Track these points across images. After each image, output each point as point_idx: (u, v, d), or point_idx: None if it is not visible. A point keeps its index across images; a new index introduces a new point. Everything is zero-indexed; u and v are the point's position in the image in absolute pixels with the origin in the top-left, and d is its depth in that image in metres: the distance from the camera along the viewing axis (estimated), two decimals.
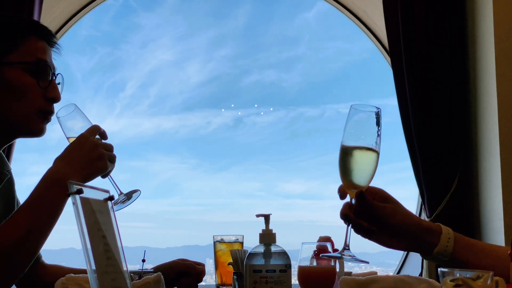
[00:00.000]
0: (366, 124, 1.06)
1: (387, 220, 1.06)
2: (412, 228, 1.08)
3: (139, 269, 1.20)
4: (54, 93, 1.35)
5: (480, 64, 2.49)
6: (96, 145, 1.27)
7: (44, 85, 1.32)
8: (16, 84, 1.29)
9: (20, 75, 1.30)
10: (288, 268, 1.17)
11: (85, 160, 1.24)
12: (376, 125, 1.06)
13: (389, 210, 1.07)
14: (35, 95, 1.31)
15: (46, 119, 1.35)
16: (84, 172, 1.23)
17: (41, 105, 1.32)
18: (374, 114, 1.06)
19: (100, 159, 1.26)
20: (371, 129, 1.06)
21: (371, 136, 1.06)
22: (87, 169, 1.24)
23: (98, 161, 1.26)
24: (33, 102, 1.31)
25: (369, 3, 2.95)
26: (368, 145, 1.06)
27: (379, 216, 1.06)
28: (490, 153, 2.39)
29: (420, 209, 2.77)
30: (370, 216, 1.07)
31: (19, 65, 1.30)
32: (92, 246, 0.71)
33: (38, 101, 1.32)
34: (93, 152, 1.25)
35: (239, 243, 1.57)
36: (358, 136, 1.06)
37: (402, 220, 1.07)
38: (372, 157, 1.06)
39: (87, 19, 3.10)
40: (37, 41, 1.34)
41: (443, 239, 1.08)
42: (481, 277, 0.75)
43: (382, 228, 1.08)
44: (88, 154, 1.25)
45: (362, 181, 1.07)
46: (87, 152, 1.25)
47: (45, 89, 1.33)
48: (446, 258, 1.07)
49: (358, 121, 1.06)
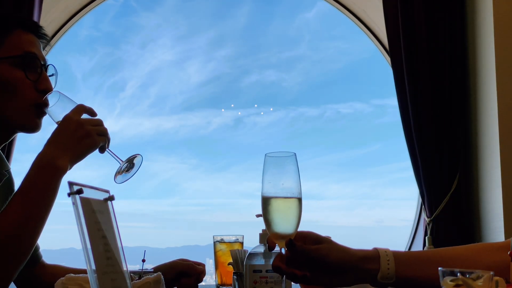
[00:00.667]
0: (283, 171, 1.04)
1: (325, 260, 1.04)
2: (351, 262, 1.05)
3: (139, 269, 1.20)
4: (45, 85, 1.34)
5: (480, 64, 2.49)
6: (81, 124, 1.26)
7: (34, 78, 1.32)
8: (5, 80, 1.29)
9: (8, 70, 1.29)
10: None
11: (72, 140, 1.24)
12: (294, 170, 1.04)
13: (324, 251, 1.04)
14: (25, 88, 1.31)
15: (41, 113, 1.34)
16: (73, 152, 1.24)
17: (34, 98, 1.32)
18: (290, 158, 1.04)
19: (87, 136, 1.26)
20: (289, 175, 1.04)
21: (290, 182, 1.03)
22: (76, 149, 1.25)
23: (86, 138, 1.26)
24: (25, 96, 1.31)
25: (369, 3, 2.95)
26: (288, 193, 1.03)
27: (315, 258, 1.04)
28: (490, 153, 2.39)
29: (420, 209, 2.77)
30: (306, 260, 1.04)
31: (6, 60, 1.29)
32: (92, 246, 0.71)
33: (30, 94, 1.31)
34: (78, 131, 1.25)
35: (239, 243, 1.57)
36: (276, 185, 1.03)
37: (339, 257, 1.05)
38: (294, 204, 1.04)
39: (88, 19, 3.10)
40: (23, 34, 1.34)
41: (382, 262, 1.05)
42: (481, 277, 0.75)
43: (321, 270, 1.05)
44: (74, 134, 1.25)
45: (288, 229, 1.04)
46: (73, 132, 1.25)
47: (36, 82, 1.32)
48: (392, 280, 1.05)
49: (274, 169, 1.03)
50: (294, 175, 1.04)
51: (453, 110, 2.56)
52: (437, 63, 2.55)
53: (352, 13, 3.11)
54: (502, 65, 2.34)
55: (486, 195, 2.44)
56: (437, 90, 2.54)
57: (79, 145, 1.25)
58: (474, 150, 2.54)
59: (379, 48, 3.08)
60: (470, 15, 2.58)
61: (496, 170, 2.33)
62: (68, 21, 3.00)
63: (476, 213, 2.52)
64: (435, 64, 2.55)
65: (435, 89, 2.54)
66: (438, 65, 2.55)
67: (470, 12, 2.58)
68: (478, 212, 2.50)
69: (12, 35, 1.32)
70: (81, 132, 1.25)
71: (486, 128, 2.43)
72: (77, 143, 1.25)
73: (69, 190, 0.73)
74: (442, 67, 2.55)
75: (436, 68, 2.55)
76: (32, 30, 1.36)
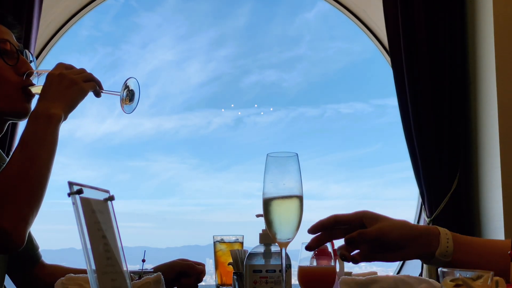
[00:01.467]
0: (285, 171, 1.04)
1: (386, 239, 1.06)
2: (411, 236, 1.07)
3: (139, 269, 1.20)
4: (25, 67, 1.38)
5: (480, 64, 2.49)
6: (63, 75, 1.31)
7: (13, 62, 1.36)
8: None
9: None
10: (288, 268, 1.17)
11: (59, 91, 1.29)
12: (296, 170, 1.04)
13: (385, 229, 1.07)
14: (7, 73, 1.34)
15: (28, 95, 1.37)
16: (64, 101, 1.29)
17: (18, 81, 1.36)
18: (292, 159, 1.04)
19: (73, 84, 1.30)
20: (291, 175, 1.04)
21: (292, 182, 1.04)
22: (66, 97, 1.29)
23: (72, 86, 1.30)
24: (9, 81, 1.34)
25: (369, 3, 2.95)
26: (290, 193, 1.04)
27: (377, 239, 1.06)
28: (490, 153, 2.39)
29: (420, 209, 2.77)
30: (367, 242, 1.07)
31: None
32: (92, 246, 0.71)
33: (12, 78, 1.35)
34: (63, 82, 1.30)
35: (239, 243, 1.57)
36: (278, 185, 1.04)
37: (400, 233, 1.07)
38: (295, 204, 1.05)
39: (88, 19, 3.10)
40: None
41: (442, 239, 1.08)
42: (481, 277, 0.75)
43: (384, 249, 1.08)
44: (60, 85, 1.30)
45: (289, 229, 1.05)
46: (58, 84, 1.30)
47: (15, 66, 1.36)
48: (449, 258, 1.07)
49: (276, 169, 1.04)
50: (296, 175, 1.04)
51: (453, 110, 2.56)
52: (437, 63, 2.55)
53: (352, 13, 3.11)
54: (502, 65, 2.34)
55: (486, 195, 2.44)
56: (437, 90, 2.54)
57: (68, 93, 1.30)
58: (474, 150, 2.54)
59: (379, 48, 3.08)
60: (470, 15, 2.58)
61: (496, 170, 2.33)
62: (68, 21, 3.00)
63: (476, 213, 2.52)
64: (435, 64, 2.55)
65: (435, 89, 2.54)
66: (438, 65, 2.55)
67: (470, 12, 2.58)
68: (478, 212, 2.50)
69: None
70: (66, 82, 1.30)
71: (486, 128, 2.43)
72: (66, 92, 1.30)
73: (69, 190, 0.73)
74: (442, 67, 2.55)
75: (436, 68, 2.55)
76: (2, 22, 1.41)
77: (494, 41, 2.35)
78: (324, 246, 1.25)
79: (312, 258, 1.25)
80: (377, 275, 1.16)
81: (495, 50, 2.35)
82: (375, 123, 9.33)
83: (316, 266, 1.24)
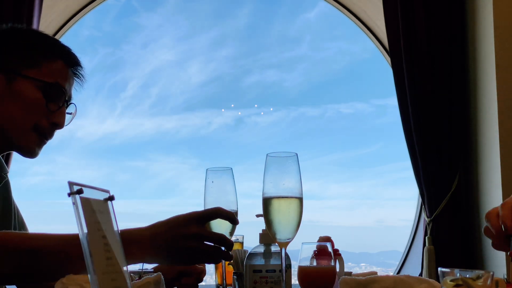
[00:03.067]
0: (285, 171, 1.05)
1: None
2: None
3: (139, 269, 1.20)
4: (59, 119, 1.32)
5: (480, 64, 2.49)
6: (189, 235, 1.10)
7: (53, 109, 1.30)
8: (25, 97, 1.27)
9: (32, 91, 1.28)
10: (288, 268, 1.17)
11: (167, 246, 1.12)
12: (295, 170, 1.04)
13: None
14: (39, 113, 1.28)
15: (41, 141, 1.31)
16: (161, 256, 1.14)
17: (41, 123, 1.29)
18: (292, 159, 1.05)
19: (190, 253, 1.11)
20: (290, 175, 1.04)
21: (292, 182, 1.04)
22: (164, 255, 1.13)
23: (183, 253, 1.12)
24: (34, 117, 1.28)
25: (369, 3, 2.96)
26: (290, 193, 1.04)
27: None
28: (490, 153, 2.39)
29: (420, 209, 2.77)
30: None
31: (36, 82, 1.27)
32: (92, 246, 0.71)
33: (40, 119, 1.29)
34: (179, 242, 1.11)
35: (239, 243, 1.57)
36: (278, 185, 1.04)
37: None
38: (295, 204, 1.05)
39: (89, 19, 3.11)
40: (63, 67, 1.33)
41: None
42: (481, 277, 0.75)
43: None
44: (171, 242, 1.11)
45: (289, 229, 1.06)
46: (170, 239, 1.11)
47: (52, 112, 1.30)
48: None
49: (276, 169, 1.04)
50: (296, 175, 1.04)
51: (453, 110, 2.56)
52: (437, 63, 2.55)
53: (353, 13, 3.11)
54: (502, 65, 2.34)
55: (486, 195, 2.44)
56: (437, 90, 2.55)
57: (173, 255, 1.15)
58: (474, 150, 2.54)
59: (379, 48, 3.08)
60: (470, 15, 2.58)
61: (496, 170, 2.33)
62: (68, 21, 3.01)
63: (476, 213, 2.52)
64: (435, 64, 2.55)
65: (435, 89, 2.54)
66: (438, 65, 2.55)
67: (470, 12, 2.58)
68: (478, 212, 2.50)
69: (52, 62, 1.31)
70: (181, 244, 1.11)
71: (486, 128, 2.43)
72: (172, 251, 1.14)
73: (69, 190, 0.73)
74: (442, 67, 2.55)
75: (436, 68, 2.55)
76: (72, 66, 1.36)
77: (494, 41, 2.35)
78: (324, 246, 1.25)
79: (312, 258, 1.25)
80: (377, 275, 1.16)
81: (495, 50, 2.35)
82: (375, 123, 9.33)
83: (316, 266, 1.24)
